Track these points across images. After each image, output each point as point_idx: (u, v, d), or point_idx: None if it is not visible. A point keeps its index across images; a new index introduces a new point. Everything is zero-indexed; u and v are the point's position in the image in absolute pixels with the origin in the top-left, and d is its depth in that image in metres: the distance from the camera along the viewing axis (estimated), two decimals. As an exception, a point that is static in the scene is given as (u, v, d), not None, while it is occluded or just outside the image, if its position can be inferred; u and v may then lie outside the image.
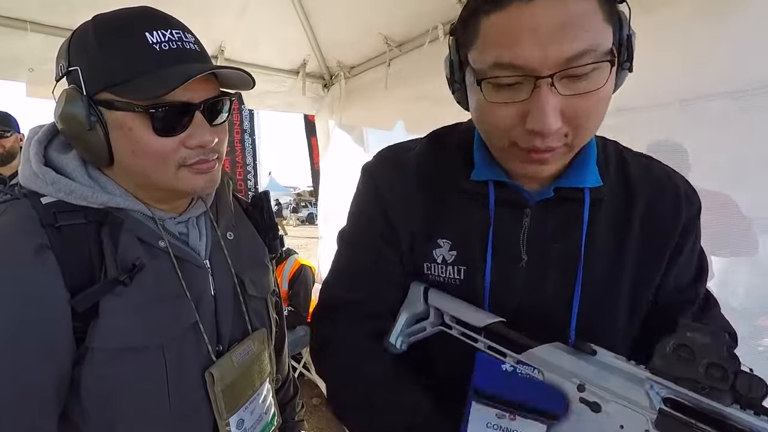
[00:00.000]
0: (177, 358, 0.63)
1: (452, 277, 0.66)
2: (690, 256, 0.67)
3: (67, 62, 0.60)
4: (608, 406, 0.50)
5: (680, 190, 0.67)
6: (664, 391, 0.48)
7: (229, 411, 0.69)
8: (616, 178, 0.67)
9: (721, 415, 0.44)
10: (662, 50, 1.33)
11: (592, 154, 0.65)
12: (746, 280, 1.24)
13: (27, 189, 0.62)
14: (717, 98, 1.25)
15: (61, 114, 0.59)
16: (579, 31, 0.47)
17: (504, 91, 0.52)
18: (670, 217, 0.65)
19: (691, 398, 0.46)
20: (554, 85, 0.49)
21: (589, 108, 0.52)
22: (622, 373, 0.51)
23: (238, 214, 0.83)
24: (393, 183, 0.71)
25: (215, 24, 2.20)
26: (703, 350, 0.45)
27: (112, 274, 0.59)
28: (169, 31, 0.60)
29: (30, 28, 1.83)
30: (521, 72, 0.49)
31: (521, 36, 0.49)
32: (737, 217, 1.21)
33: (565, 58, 0.48)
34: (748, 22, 1.16)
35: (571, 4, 0.47)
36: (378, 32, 2.16)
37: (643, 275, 0.65)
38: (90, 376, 0.58)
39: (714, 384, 0.45)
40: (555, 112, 0.50)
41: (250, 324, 0.76)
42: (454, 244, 0.67)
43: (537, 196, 0.64)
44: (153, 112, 0.57)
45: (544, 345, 0.56)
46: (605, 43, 0.49)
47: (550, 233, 0.64)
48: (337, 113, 2.77)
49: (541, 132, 0.51)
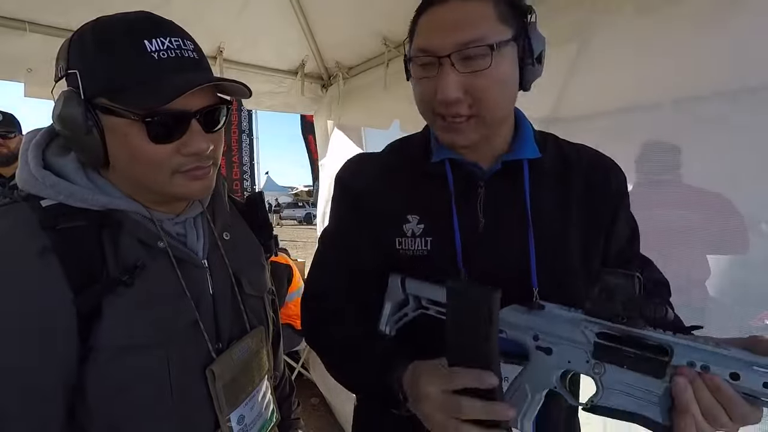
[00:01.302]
0: (179, 356, 0.64)
1: (421, 249, 0.77)
2: (625, 222, 0.81)
3: (66, 63, 0.60)
4: (557, 348, 0.63)
5: (608, 165, 0.82)
6: (597, 327, 0.60)
7: (229, 407, 0.70)
8: (554, 156, 0.80)
9: (639, 336, 0.56)
10: (657, 51, 1.35)
11: (528, 133, 0.80)
12: (742, 279, 1.25)
13: (26, 192, 0.62)
14: (711, 99, 1.27)
15: (59, 116, 0.60)
16: (469, 26, 0.65)
17: (422, 70, 0.70)
18: (604, 186, 0.79)
19: (616, 328, 0.58)
20: (453, 65, 0.65)
21: (484, 84, 0.66)
22: (564, 320, 0.63)
23: (233, 215, 0.84)
24: (359, 173, 0.85)
25: (214, 24, 2.21)
26: (618, 290, 0.57)
27: (113, 274, 0.60)
28: (168, 39, 0.60)
29: (29, 28, 1.83)
30: (431, 54, 0.67)
31: (432, 29, 0.68)
32: (731, 216, 1.23)
33: (457, 42, 0.65)
34: (744, 24, 1.17)
35: (468, 8, 0.66)
36: (376, 33, 2.17)
37: (588, 235, 0.78)
38: (94, 376, 0.59)
39: (629, 314, 0.57)
40: (454, 84, 0.66)
41: (248, 322, 0.77)
42: (422, 218, 0.78)
43: (488, 170, 0.77)
44: (149, 121, 0.58)
45: (504, 308, 0.66)
46: (491, 37, 0.65)
47: (501, 200, 0.77)
48: (335, 114, 2.78)
49: (445, 99, 0.67)
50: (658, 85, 1.37)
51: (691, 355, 0.52)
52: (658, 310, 0.54)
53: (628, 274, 0.57)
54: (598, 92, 1.59)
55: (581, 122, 1.66)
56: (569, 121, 1.69)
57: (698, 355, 0.52)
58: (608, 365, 0.58)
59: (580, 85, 1.53)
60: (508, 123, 0.78)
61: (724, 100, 1.23)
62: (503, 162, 0.76)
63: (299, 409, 1.02)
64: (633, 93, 1.47)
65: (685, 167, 1.33)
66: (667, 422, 0.53)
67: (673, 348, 0.54)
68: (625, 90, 1.48)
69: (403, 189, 0.80)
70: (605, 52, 1.53)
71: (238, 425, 0.72)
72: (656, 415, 0.54)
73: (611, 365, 0.58)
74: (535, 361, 0.65)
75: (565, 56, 1.85)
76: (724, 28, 1.19)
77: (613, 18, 1.27)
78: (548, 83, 2.02)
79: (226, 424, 0.70)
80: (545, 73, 0.76)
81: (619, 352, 0.57)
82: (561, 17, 1.32)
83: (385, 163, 0.85)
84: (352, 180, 0.85)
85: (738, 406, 0.49)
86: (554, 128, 1.77)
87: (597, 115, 1.61)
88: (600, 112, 1.60)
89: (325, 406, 3.16)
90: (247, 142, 6.78)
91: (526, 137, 0.78)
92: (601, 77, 1.56)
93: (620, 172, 0.82)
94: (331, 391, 3.05)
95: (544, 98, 2.11)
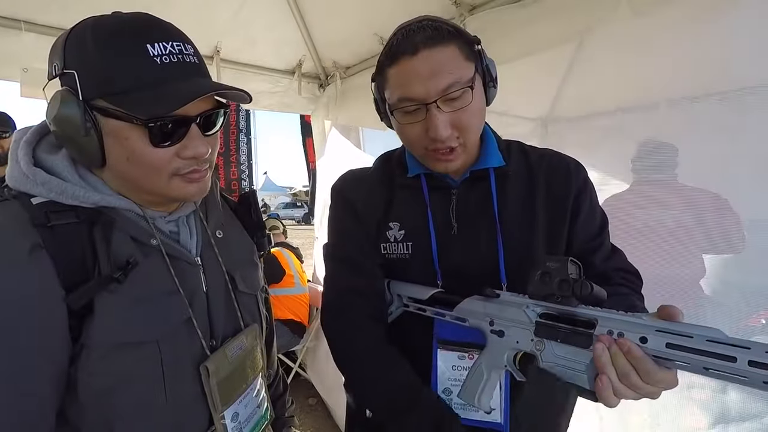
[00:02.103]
0: (172, 353, 0.64)
1: (402, 253, 0.87)
2: (590, 213, 0.88)
3: (62, 63, 0.59)
4: (509, 330, 0.71)
5: (570, 165, 0.89)
6: (539, 308, 0.68)
7: (224, 404, 0.70)
8: (518, 163, 0.89)
9: (572, 313, 0.64)
10: (651, 51, 1.35)
11: (492, 145, 0.88)
12: (738, 279, 1.25)
13: (16, 190, 0.61)
14: (704, 99, 1.27)
15: (55, 117, 0.59)
16: (445, 72, 0.72)
17: (409, 116, 0.77)
18: (565, 186, 0.86)
19: (553, 308, 0.66)
20: (439, 107, 0.73)
21: (468, 118, 0.76)
22: (513, 304, 0.71)
23: (226, 213, 0.84)
24: (356, 186, 0.96)
25: (211, 24, 2.20)
26: (555, 272, 0.64)
27: (105, 272, 0.60)
28: (170, 43, 0.59)
29: (24, 27, 1.82)
30: (416, 102, 0.75)
31: (410, 80, 0.74)
32: (726, 215, 1.23)
33: (439, 89, 0.73)
34: (737, 25, 1.18)
35: (439, 55, 0.73)
36: (374, 33, 2.17)
37: (553, 230, 0.85)
38: (86, 373, 0.58)
39: (563, 293, 0.63)
40: (444, 123, 0.74)
41: (242, 320, 0.77)
42: (402, 225, 0.88)
43: (458, 179, 0.87)
44: (151, 127, 0.58)
45: (466, 300, 0.78)
46: (467, 75, 0.74)
47: (472, 205, 0.86)
48: (333, 113, 2.78)
49: (438, 138, 0.75)
50: (655, 85, 1.38)
51: (610, 324, 0.59)
52: (585, 287, 0.60)
53: (562, 258, 0.64)
54: (595, 92, 1.59)
55: (579, 122, 1.66)
56: (566, 121, 1.69)
57: (615, 324, 0.59)
58: (546, 341, 0.65)
59: (578, 86, 1.54)
60: None
61: (718, 100, 1.23)
62: (471, 171, 0.86)
63: (293, 407, 1.03)
64: (630, 93, 1.47)
65: (680, 167, 1.34)
66: (593, 388, 0.59)
67: (598, 320, 0.60)
68: (622, 90, 1.49)
69: (385, 199, 0.91)
70: (602, 53, 1.54)
71: (233, 422, 0.72)
72: (584, 383, 0.60)
73: (549, 341, 0.65)
74: (491, 344, 0.74)
75: (562, 57, 1.85)
76: (720, 29, 1.20)
77: (610, 19, 1.27)
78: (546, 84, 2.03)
79: (220, 422, 0.69)
80: (543, 74, 0.78)
81: (555, 328, 0.64)
82: (558, 19, 1.32)
83: (371, 177, 0.96)
84: (348, 191, 0.96)
85: (644, 363, 0.55)
86: (552, 128, 1.78)
87: (594, 115, 1.61)
88: (597, 112, 1.60)
89: (323, 407, 3.16)
90: (245, 141, 6.77)
91: (490, 148, 0.87)
92: (598, 78, 1.56)
93: (581, 170, 0.89)
94: (328, 391, 3.05)
95: (542, 99, 2.12)
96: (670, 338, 0.54)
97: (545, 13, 1.34)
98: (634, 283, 0.85)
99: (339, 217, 0.96)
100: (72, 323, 0.57)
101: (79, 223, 0.61)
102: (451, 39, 0.74)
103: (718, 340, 0.50)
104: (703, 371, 0.51)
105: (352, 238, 0.92)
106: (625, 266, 0.89)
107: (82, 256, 0.59)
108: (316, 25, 2.45)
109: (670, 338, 0.53)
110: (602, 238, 0.89)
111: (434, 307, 0.82)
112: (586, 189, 0.88)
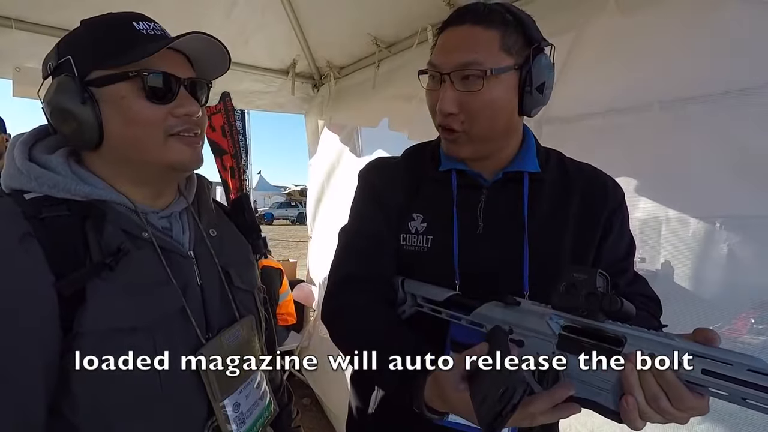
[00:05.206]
0: (166, 342, 0.64)
1: (422, 246, 0.84)
2: (620, 234, 0.85)
3: (56, 58, 0.63)
4: (528, 341, 0.66)
5: (608, 183, 0.87)
6: (562, 320, 0.63)
7: (223, 394, 0.70)
8: (555, 171, 0.87)
9: (599, 329, 0.59)
10: (642, 52, 1.37)
11: (531, 149, 0.86)
12: (723, 279, 1.26)
13: (10, 189, 0.63)
14: (695, 101, 1.29)
15: (52, 98, 0.62)
16: (469, 50, 0.73)
17: (432, 82, 0.79)
18: (600, 203, 0.84)
19: (578, 321, 0.61)
20: (452, 82, 0.74)
21: (477, 105, 0.74)
22: (535, 314, 0.66)
23: (219, 216, 0.85)
24: (382, 172, 0.94)
25: (203, 23, 2.19)
26: (582, 284, 0.60)
27: (97, 259, 0.60)
28: (155, 24, 0.67)
29: (14, 25, 1.80)
30: (437, 69, 0.76)
31: (442, 47, 0.77)
32: (710, 218, 1.25)
33: (456, 63, 0.73)
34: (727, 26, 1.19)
35: (475, 32, 0.73)
36: (367, 33, 2.18)
37: (581, 244, 0.83)
38: (78, 363, 0.58)
39: (590, 307, 0.59)
40: (451, 100, 0.74)
41: (238, 312, 0.77)
42: (425, 218, 0.86)
43: (491, 180, 0.85)
44: (146, 75, 0.62)
45: (484, 305, 0.73)
46: (491, 62, 0.72)
47: (501, 207, 0.83)
48: (327, 113, 2.77)
49: (442, 110, 0.75)
50: (646, 86, 1.39)
51: (640, 344, 0.55)
52: (614, 303, 0.57)
53: (591, 270, 0.60)
54: (588, 93, 1.60)
55: (571, 123, 1.67)
56: (559, 121, 1.70)
57: (646, 345, 0.55)
58: (569, 355, 0.61)
59: (570, 86, 1.55)
60: (510, 140, 0.84)
61: (709, 101, 1.25)
62: (504, 173, 0.84)
63: (299, 417, 1.01)
64: (622, 94, 1.49)
65: (669, 166, 1.35)
66: (618, 408, 0.56)
67: (626, 338, 0.57)
68: (613, 91, 1.50)
69: (412, 189, 0.88)
70: (594, 54, 1.55)
71: (234, 412, 0.71)
72: (608, 402, 0.57)
73: (572, 355, 0.61)
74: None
75: (554, 57, 1.86)
76: (710, 29, 1.21)
77: (601, 20, 1.28)
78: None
79: (221, 411, 0.69)
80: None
81: (580, 343, 0.60)
82: (550, 18, 1.33)
83: (399, 165, 0.94)
84: (374, 177, 0.94)
85: (677, 389, 0.51)
86: (545, 128, 1.79)
87: (586, 116, 1.62)
88: (589, 113, 1.61)
89: (317, 406, 3.16)
90: (243, 142, 6.74)
91: (528, 153, 0.86)
92: (591, 78, 1.58)
93: (618, 190, 0.87)
94: (323, 391, 3.05)
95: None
96: (707, 364, 0.50)
97: (537, 13, 1.34)
98: (654, 310, 0.85)
99: (360, 200, 0.94)
100: (63, 313, 0.57)
101: (70, 215, 0.61)
102: (498, 25, 0.73)
103: (759, 370, 0.46)
104: (741, 401, 0.48)
105: (368, 224, 0.90)
106: (647, 292, 0.87)
107: (74, 245, 0.60)
108: (310, 25, 2.45)
109: (708, 364, 0.50)
110: (628, 263, 0.87)
111: (450, 310, 0.78)
112: (621, 210, 0.86)
